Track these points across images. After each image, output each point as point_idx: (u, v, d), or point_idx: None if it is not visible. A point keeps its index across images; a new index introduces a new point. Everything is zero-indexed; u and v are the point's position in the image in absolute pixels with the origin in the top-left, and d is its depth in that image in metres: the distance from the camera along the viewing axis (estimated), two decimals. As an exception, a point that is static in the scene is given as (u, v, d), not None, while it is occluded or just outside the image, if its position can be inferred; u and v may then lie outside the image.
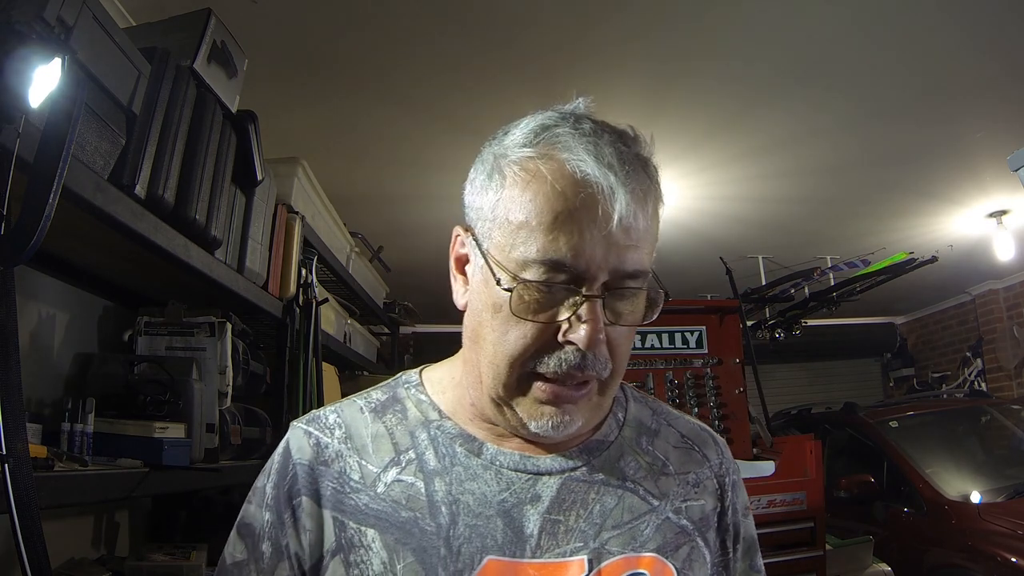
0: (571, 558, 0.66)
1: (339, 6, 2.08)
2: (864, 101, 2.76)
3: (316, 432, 0.73)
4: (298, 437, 0.73)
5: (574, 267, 0.61)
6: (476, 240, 0.68)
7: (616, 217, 0.61)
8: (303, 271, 2.00)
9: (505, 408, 0.68)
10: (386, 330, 3.79)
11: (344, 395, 0.78)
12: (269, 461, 0.74)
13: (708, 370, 2.63)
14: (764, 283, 4.51)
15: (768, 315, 4.88)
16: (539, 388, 0.66)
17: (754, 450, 2.66)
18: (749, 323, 4.33)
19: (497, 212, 0.66)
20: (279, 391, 1.88)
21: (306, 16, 2.12)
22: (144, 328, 1.49)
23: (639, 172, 0.65)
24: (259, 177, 1.61)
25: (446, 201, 3.59)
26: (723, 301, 3.11)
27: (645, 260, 0.65)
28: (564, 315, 0.63)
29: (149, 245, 1.19)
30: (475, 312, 0.69)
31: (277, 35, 2.18)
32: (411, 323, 4.23)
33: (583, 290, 0.62)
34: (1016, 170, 1.60)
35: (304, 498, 0.68)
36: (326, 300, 2.19)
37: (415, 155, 3.10)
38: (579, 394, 0.66)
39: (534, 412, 0.67)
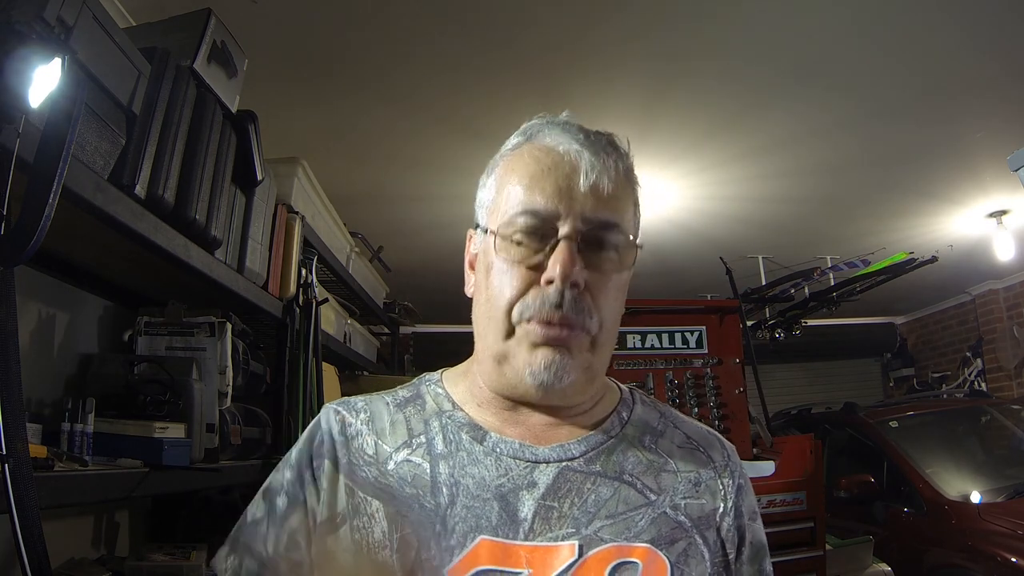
0: (562, 543, 0.69)
1: (339, 6, 2.08)
2: (864, 101, 2.76)
3: (344, 412, 0.80)
4: (328, 414, 0.80)
5: (546, 211, 0.71)
6: (478, 226, 0.78)
7: (583, 171, 0.71)
8: (303, 271, 2.00)
9: (505, 366, 0.74)
10: (386, 330, 3.79)
11: (344, 395, 0.83)
12: (301, 435, 0.81)
13: (708, 370, 2.63)
14: (764, 283, 4.51)
15: (768, 315, 4.88)
16: (530, 330, 0.71)
17: (754, 450, 2.66)
18: (749, 323, 4.33)
19: (490, 196, 0.78)
20: (279, 391, 1.88)
21: (306, 16, 2.12)
22: (144, 328, 1.49)
23: (606, 147, 0.75)
24: (259, 177, 1.61)
25: (446, 201, 3.59)
26: (723, 301, 3.11)
27: (619, 217, 0.73)
28: (544, 258, 0.71)
29: (149, 245, 1.19)
30: (479, 287, 0.77)
31: (277, 35, 2.18)
32: (411, 323, 4.23)
33: (558, 233, 0.70)
34: (1016, 170, 1.60)
35: (326, 461, 0.75)
36: (326, 300, 2.19)
37: (415, 155, 3.11)
38: (568, 334, 0.70)
39: (529, 358, 0.71)
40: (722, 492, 0.77)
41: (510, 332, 0.72)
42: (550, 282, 0.69)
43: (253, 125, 1.55)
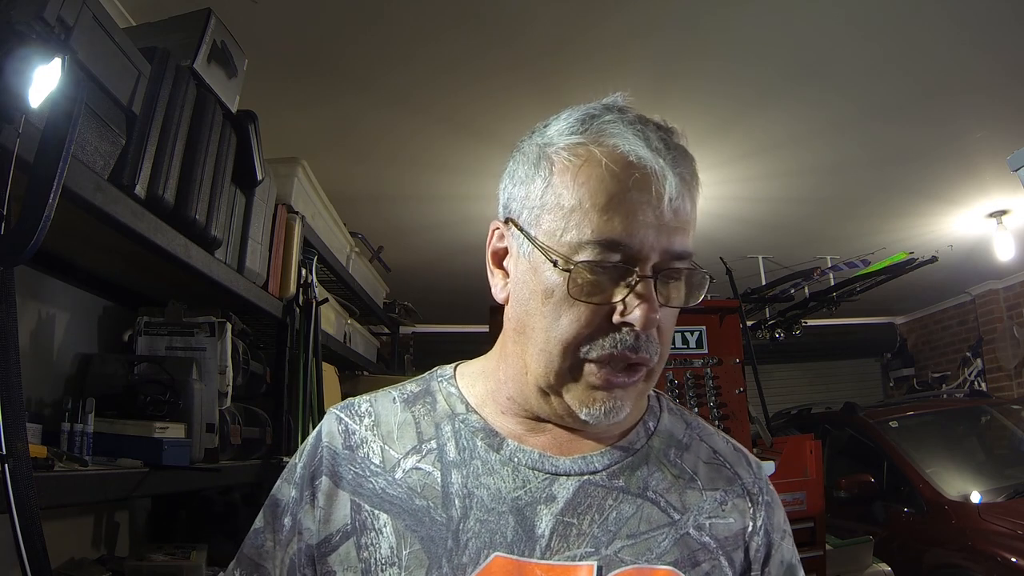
0: (580, 563, 0.65)
1: (339, 6, 2.08)
2: (864, 101, 2.76)
3: (346, 419, 0.75)
4: (330, 422, 0.76)
5: (628, 246, 0.62)
6: (521, 229, 0.68)
7: (667, 198, 0.63)
8: (303, 271, 2.00)
9: (553, 397, 0.68)
10: (386, 330, 3.79)
11: (344, 395, 0.81)
12: (304, 442, 0.77)
13: (708, 370, 2.63)
14: (764, 283, 4.51)
15: (768, 315, 4.88)
16: (592, 373, 0.65)
17: (754, 450, 2.66)
18: (749, 323, 4.33)
19: (546, 199, 0.66)
20: (279, 391, 1.88)
21: (306, 16, 2.12)
22: (144, 328, 1.49)
23: (685, 158, 0.67)
24: (259, 177, 1.61)
25: (446, 201, 3.59)
26: (723, 301, 3.11)
27: (690, 243, 0.67)
28: (619, 296, 0.64)
29: (149, 245, 1.19)
30: (521, 302, 0.69)
31: (277, 35, 2.18)
32: (411, 323, 4.23)
33: (637, 269, 0.63)
34: (1016, 170, 1.60)
35: (325, 478, 0.71)
36: (326, 300, 2.19)
37: (415, 155, 3.10)
38: (631, 380, 0.66)
39: (586, 398, 0.66)
40: (750, 511, 0.74)
41: (567, 369, 0.66)
42: (625, 324, 0.63)
43: (253, 125, 1.55)
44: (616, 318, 0.64)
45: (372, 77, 2.47)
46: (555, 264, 0.64)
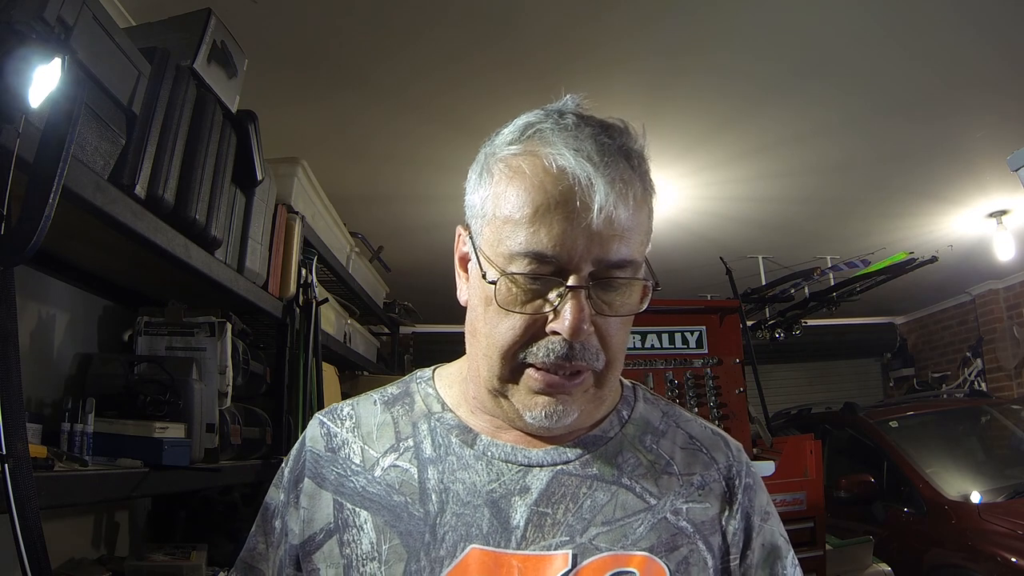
0: (555, 552, 0.66)
1: (339, 6, 2.08)
2: (865, 99, 2.76)
3: (328, 422, 0.78)
4: (314, 427, 0.79)
5: (556, 258, 0.63)
6: (471, 237, 0.71)
7: (596, 207, 0.62)
8: (303, 271, 2.00)
9: (502, 400, 0.70)
10: (386, 330, 3.79)
11: (344, 395, 0.83)
12: (292, 447, 0.80)
13: (708, 370, 2.64)
14: (764, 283, 4.51)
15: (768, 315, 4.88)
16: (531, 378, 0.67)
17: (754, 450, 2.66)
18: (749, 323, 4.33)
19: (486, 209, 0.69)
20: (279, 391, 1.88)
21: (306, 16, 2.12)
22: (144, 328, 1.49)
23: (620, 163, 0.66)
24: (259, 177, 1.62)
25: (446, 201, 3.59)
26: (723, 301, 3.12)
27: (634, 250, 0.66)
28: (549, 306, 0.65)
29: (149, 245, 1.19)
30: (472, 307, 0.72)
31: (277, 35, 2.18)
32: (411, 323, 4.24)
33: (567, 281, 0.64)
34: (1016, 170, 1.60)
35: (307, 480, 0.74)
36: (326, 300, 2.19)
37: (415, 155, 3.10)
38: (572, 384, 0.67)
39: (528, 402, 0.68)
40: (727, 494, 0.74)
41: (508, 374, 0.68)
42: (556, 332, 0.65)
43: (253, 125, 1.55)
44: (548, 327, 0.65)
45: (373, 76, 2.47)
46: (485, 276, 0.67)
